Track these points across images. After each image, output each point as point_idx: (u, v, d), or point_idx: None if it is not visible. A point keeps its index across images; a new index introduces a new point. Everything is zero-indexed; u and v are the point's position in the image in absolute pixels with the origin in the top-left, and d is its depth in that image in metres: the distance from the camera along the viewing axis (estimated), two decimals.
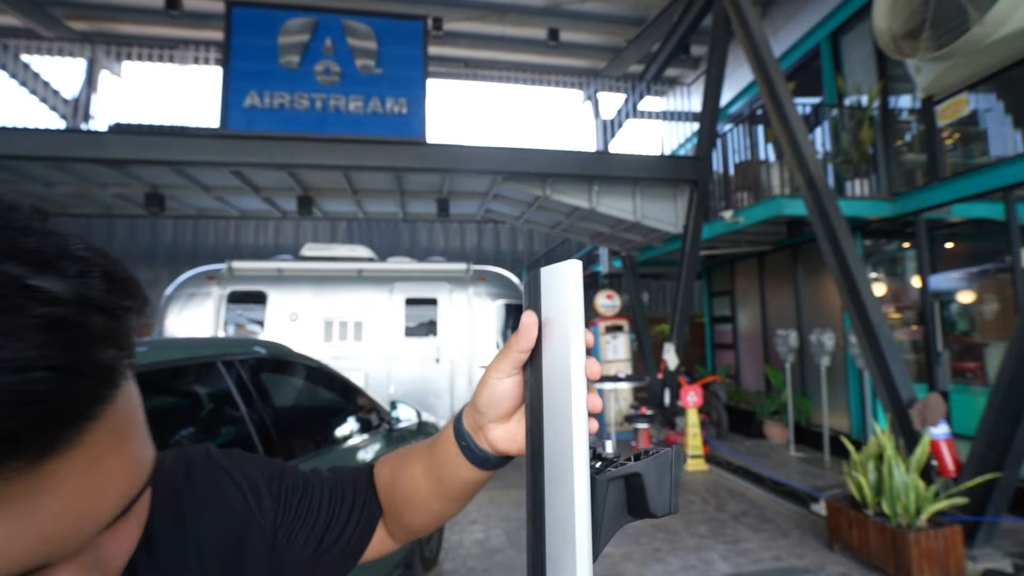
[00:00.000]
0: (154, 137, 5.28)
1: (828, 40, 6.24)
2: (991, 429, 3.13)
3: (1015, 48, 3.89)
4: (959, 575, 3.02)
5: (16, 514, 0.23)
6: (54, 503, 0.24)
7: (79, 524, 0.25)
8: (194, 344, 2.12)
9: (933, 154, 4.89)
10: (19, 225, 0.25)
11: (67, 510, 0.24)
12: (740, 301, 7.85)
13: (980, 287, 4.77)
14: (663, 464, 0.38)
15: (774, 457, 5.74)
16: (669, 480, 0.38)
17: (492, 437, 0.47)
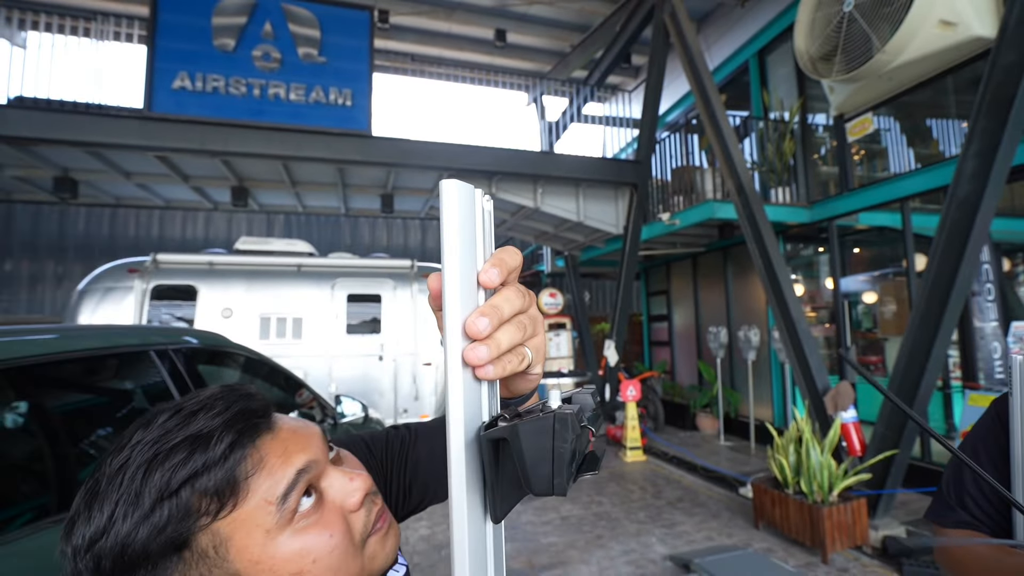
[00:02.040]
0: (66, 115, 4.83)
1: (755, 58, 6.72)
2: (890, 412, 3.51)
3: (910, 75, 4.39)
4: (863, 543, 3.37)
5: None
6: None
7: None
8: (115, 332, 1.94)
9: (844, 167, 5.40)
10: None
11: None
12: (675, 300, 8.28)
13: (881, 289, 5.32)
14: (538, 432, 0.31)
15: (706, 447, 6.11)
16: (550, 453, 0.31)
17: None
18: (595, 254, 7.95)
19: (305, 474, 0.42)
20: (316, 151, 5.26)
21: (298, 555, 0.39)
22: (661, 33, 6.06)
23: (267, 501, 0.39)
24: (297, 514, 0.40)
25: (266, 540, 0.39)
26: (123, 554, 0.36)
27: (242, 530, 0.38)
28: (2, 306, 9.67)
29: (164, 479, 0.36)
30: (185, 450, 0.38)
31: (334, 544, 0.41)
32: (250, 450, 0.40)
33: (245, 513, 0.38)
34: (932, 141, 5.00)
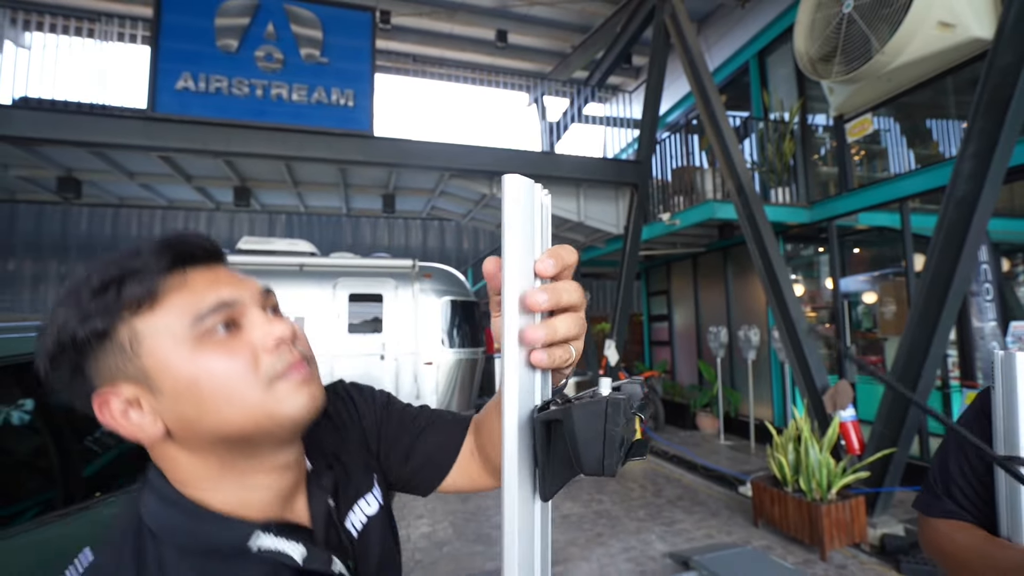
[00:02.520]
0: (70, 115, 4.87)
1: (755, 59, 6.75)
2: (888, 410, 3.53)
3: (909, 76, 4.41)
4: (862, 540, 3.39)
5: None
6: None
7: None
8: None
9: (843, 167, 5.42)
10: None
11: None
12: (676, 300, 8.30)
13: (881, 289, 5.34)
14: (591, 416, 0.33)
15: (706, 446, 6.13)
16: (601, 436, 0.32)
17: None
18: (596, 254, 7.97)
19: (227, 307, 0.47)
20: (318, 151, 5.29)
21: (198, 366, 0.44)
22: (662, 34, 6.08)
23: (184, 314, 0.45)
24: (210, 335, 0.45)
25: (174, 346, 0.44)
26: (70, 342, 0.43)
27: (155, 333, 0.44)
28: (5, 305, 9.72)
29: (96, 280, 0.44)
30: (119, 263, 0.45)
31: (233, 368, 0.45)
32: (177, 273, 0.47)
33: (160, 319, 0.45)
34: (932, 142, 5.03)
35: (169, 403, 0.45)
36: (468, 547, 3.59)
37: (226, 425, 0.45)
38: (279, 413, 0.47)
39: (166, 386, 0.44)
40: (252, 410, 0.46)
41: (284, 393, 0.47)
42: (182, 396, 0.44)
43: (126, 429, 0.45)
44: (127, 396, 0.45)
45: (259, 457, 0.49)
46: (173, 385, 0.44)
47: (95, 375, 0.45)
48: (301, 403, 0.48)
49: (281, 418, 0.47)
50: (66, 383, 0.46)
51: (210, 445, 0.46)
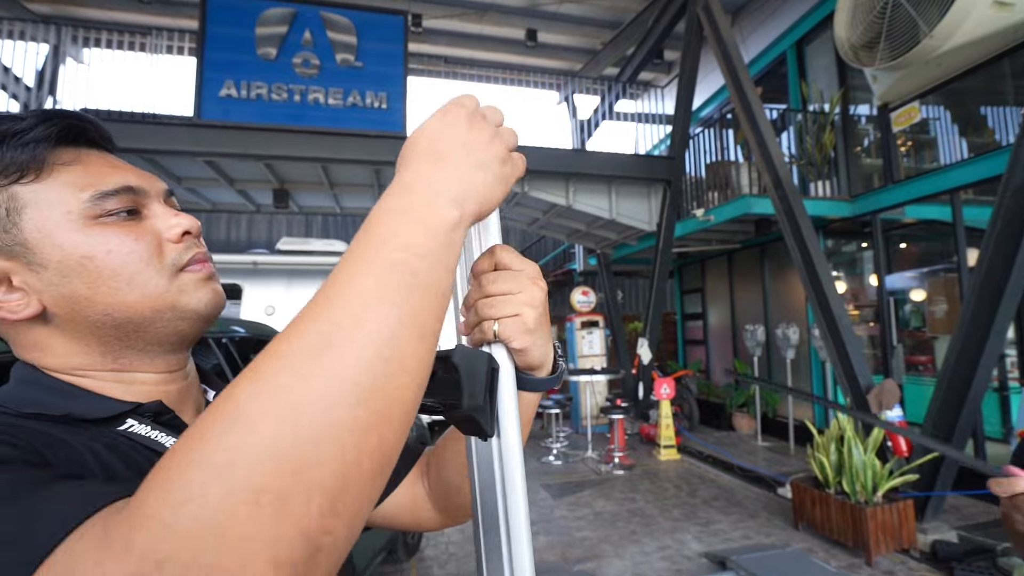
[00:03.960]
0: (124, 124, 5.15)
1: (793, 49, 6.54)
2: (938, 411, 3.37)
3: (960, 60, 4.19)
4: (911, 546, 3.25)
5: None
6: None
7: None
8: None
9: (888, 158, 5.20)
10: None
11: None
12: (710, 298, 8.12)
13: (930, 286, 5.10)
14: (474, 361, 0.38)
15: (742, 446, 5.98)
16: (482, 382, 0.37)
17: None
18: (628, 252, 7.89)
19: (132, 193, 0.44)
20: (353, 153, 5.43)
21: (95, 243, 0.41)
22: (694, 27, 5.97)
23: (79, 189, 0.42)
24: (108, 215, 0.42)
25: (63, 219, 0.41)
26: None
27: (40, 204, 0.41)
28: None
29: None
30: (7, 122, 0.41)
31: (136, 249, 0.43)
32: (70, 149, 0.43)
33: (51, 191, 0.41)
34: (986, 129, 4.76)
35: (54, 278, 0.41)
36: None
37: (122, 307, 0.42)
38: (182, 304, 0.45)
39: (51, 260, 0.41)
40: (154, 297, 0.43)
41: (189, 284, 0.46)
42: (73, 272, 0.41)
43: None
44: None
45: (147, 352, 0.45)
46: (62, 260, 0.41)
47: None
48: (206, 297, 0.47)
49: (184, 309, 0.45)
50: None
51: (96, 328, 0.42)
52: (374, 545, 2.75)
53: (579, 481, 5.03)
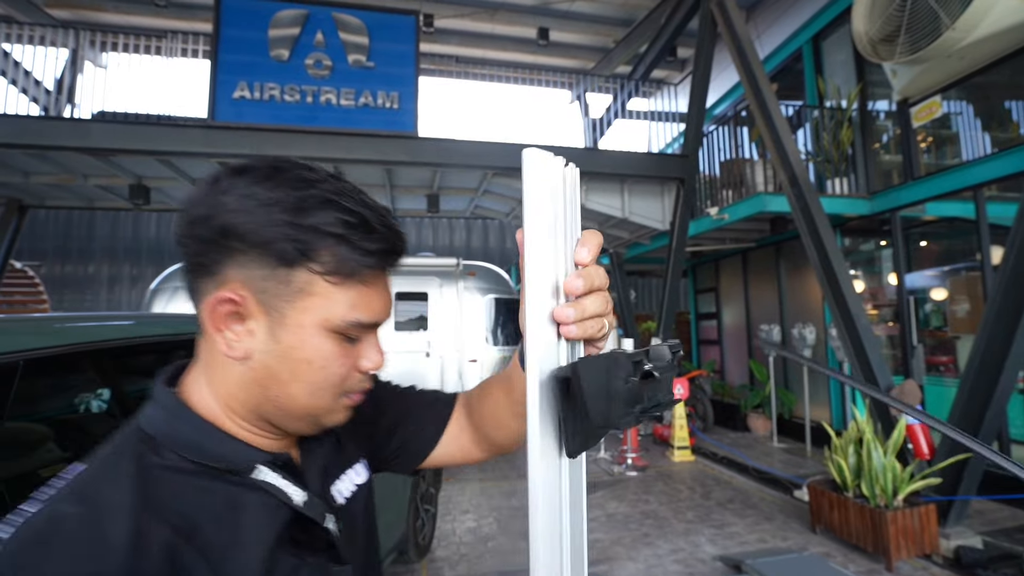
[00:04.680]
0: (140, 126, 5.22)
1: (809, 44, 6.43)
2: (962, 413, 3.28)
3: (984, 53, 4.08)
4: (933, 551, 3.16)
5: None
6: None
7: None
8: (185, 320, 2.07)
9: (908, 154, 5.08)
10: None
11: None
12: (724, 298, 8.02)
13: (952, 284, 4.97)
14: (594, 370, 0.34)
15: (758, 448, 5.89)
16: (605, 389, 0.34)
17: None
18: (641, 251, 7.82)
19: (373, 327, 0.50)
20: (365, 153, 5.45)
21: (319, 353, 0.46)
22: (708, 23, 5.90)
23: (350, 309, 0.46)
24: (344, 337, 0.47)
25: (320, 322, 0.45)
26: (253, 233, 0.43)
27: (320, 301, 0.45)
28: (87, 305, 10.55)
29: (328, 218, 0.44)
30: (354, 225, 0.45)
31: (338, 372, 0.47)
32: (375, 272, 0.48)
33: (333, 294, 0.45)
34: (1011, 123, 4.63)
35: (275, 350, 0.45)
36: (512, 543, 3.60)
37: (292, 401, 0.47)
38: (325, 420, 0.50)
39: (285, 340, 0.45)
40: (314, 406, 0.48)
41: (340, 407, 0.51)
42: (288, 359, 0.45)
43: (217, 327, 0.45)
44: (247, 312, 0.45)
45: (282, 427, 0.50)
46: (291, 346, 0.45)
47: (239, 271, 0.44)
48: (342, 418, 0.52)
49: (323, 422, 0.51)
50: (204, 255, 0.45)
51: (264, 399, 0.47)
52: (384, 545, 2.75)
53: (591, 482, 5.00)
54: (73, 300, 10.48)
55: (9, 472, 1.19)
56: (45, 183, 6.03)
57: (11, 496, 1.15)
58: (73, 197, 6.68)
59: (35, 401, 1.35)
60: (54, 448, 1.38)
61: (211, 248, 0.44)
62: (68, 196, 6.62)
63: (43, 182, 6.00)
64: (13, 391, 1.22)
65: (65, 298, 10.37)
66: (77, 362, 1.46)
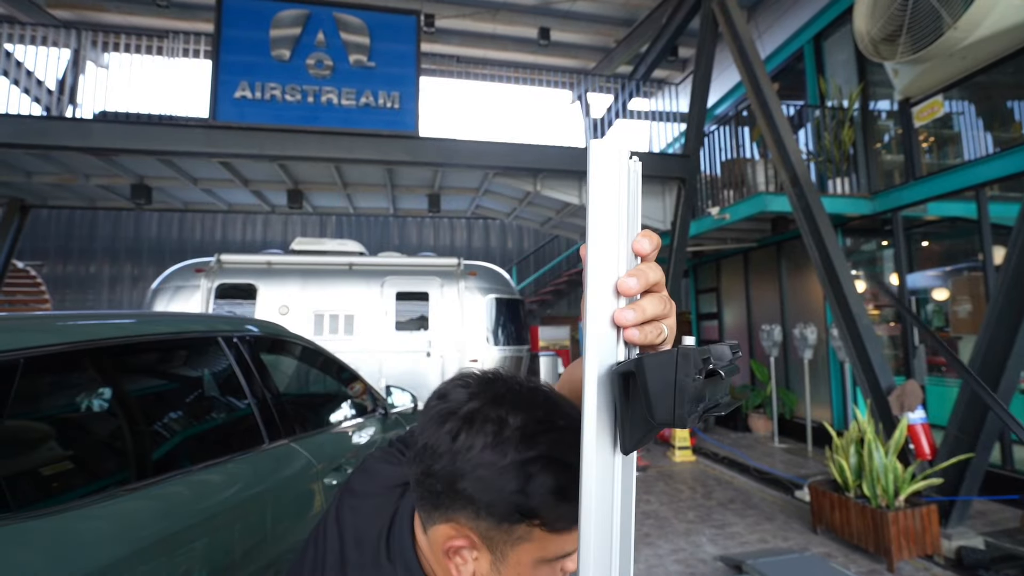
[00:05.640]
0: (142, 126, 5.23)
1: (811, 44, 6.42)
2: (963, 413, 3.27)
3: (986, 52, 4.07)
4: (935, 552, 3.15)
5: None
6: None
7: None
8: (185, 319, 2.07)
9: (910, 153, 5.08)
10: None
11: None
12: (726, 298, 8.01)
13: (954, 284, 4.96)
14: (662, 365, 0.33)
15: (759, 448, 5.88)
16: (672, 385, 0.33)
17: None
18: None
19: (570, 555, 0.52)
20: (366, 153, 5.45)
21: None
22: (709, 23, 5.89)
23: (561, 549, 0.50)
24: (550, 566, 0.51)
25: (532, 560, 0.49)
26: (486, 495, 0.47)
27: (535, 545, 0.49)
28: (89, 305, 10.56)
29: (549, 483, 0.47)
30: (573, 480, 0.44)
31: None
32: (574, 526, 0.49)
33: (546, 540, 0.49)
34: (1013, 123, 4.62)
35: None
36: None
37: None
38: None
39: (505, 573, 0.50)
40: None
41: None
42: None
43: (449, 556, 0.51)
44: (472, 545, 0.50)
45: None
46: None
47: (463, 519, 0.49)
48: None
49: None
50: (433, 496, 0.50)
51: None
52: None
53: None
54: (74, 300, 10.49)
55: (10, 470, 1.19)
56: (47, 183, 6.04)
57: (12, 494, 1.15)
58: (75, 197, 6.70)
59: (36, 399, 1.35)
60: (55, 446, 1.38)
61: (446, 497, 0.49)
62: (70, 196, 6.63)
63: (45, 182, 6.01)
64: (14, 389, 1.22)
65: (67, 298, 10.39)
66: (78, 360, 1.46)
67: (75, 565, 1.13)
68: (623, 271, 0.38)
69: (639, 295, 0.39)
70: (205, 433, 1.82)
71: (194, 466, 1.60)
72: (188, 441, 1.74)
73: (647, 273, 0.38)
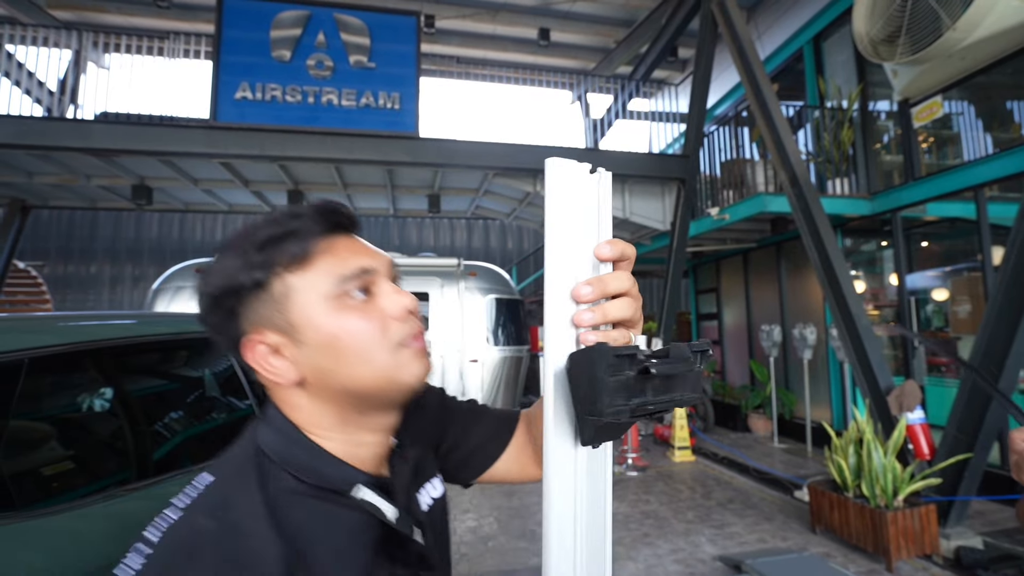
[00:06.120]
0: (142, 127, 5.24)
1: (810, 44, 6.43)
2: (962, 412, 3.28)
3: (985, 53, 4.08)
4: (933, 552, 3.16)
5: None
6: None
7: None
8: (185, 319, 2.07)
9: (909, 154, 5.08)
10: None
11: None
12: (725, 298, 8.02)
13: (954, 285, 4.96)
14: (580, 362, 0.35)
15: (758, 448, 5.89)
16: (592, 380, 0.34)
17: None
18: (642, 251, 7.81)
19: (366, 274, 0.51)
20: (366, 153, 5.46)
21: (339, 324, 0.48)
22: (709, 23, 5.90)
23: (330, 274, 0.49)
24: (349, 297, 0.49)
25: (319, 302, 0.48)
26: (233, 288, 0.48)
27: (305, 289, 0.48)
28: (90, 305, 10.57)
29: (261, 236, 0.49)
30: (281, 223, 0.49)
31: (369, 328, 0.49)
32: (326, 238, 0.51)
33: (311, 277, 0.49)
34: (1013, 124, 4.63)
35: (310, 354, 0.48)
36: (513, 542, 3.61)
37: (357, 381, 0.49)
38: (399, 378, 0.51)
39: (309, 338, 0.48)
40: (380, 371, 0.49)
41: (406, 359, 0.51)
42: (323, 350, 0.48)
43: (267, 371, 0.49)
44: (272, 343, 0.49)
45: (370, 415, 0.52)
46: (316, 338, 0.48)
47: (247, 321, 0.49)
48: (418, 371, 0.52)
49: (400, 383, 0.51)
50: (221, 325, 0.50)
51: (336, 396, 0.50)
52: None
53: None
54: (75, 300, 10.51)
55: (13, 469, 1.20)
56: (48, 183, 6.05)
57: (15, 493, 1.16)
58: (76, 197, 6.71)
59: (38, 399, 1.36)
60: (57, 446, 1.39)
61: (220, 318, 0.50)
62: (71, 196, 6.65)
63: (46, 182, 6.02)
64: (19, 389, 1.23)
65: (67, 298, 10.41)
66: (80, 361, 1.47)
67: (76, 564, 1.14)
68: (584, 278, 0.39)
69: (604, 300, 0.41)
70: (206, 433, 1.83)
71: (195, 466, 1.61)
72: (189, 441, 1.75)
73: (606, 282, 0.40)
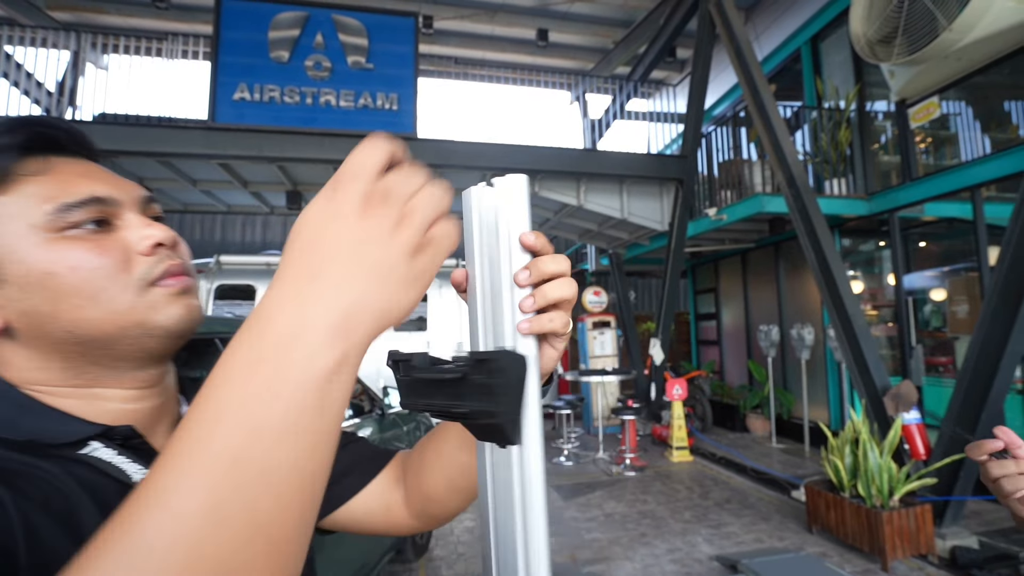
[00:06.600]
0: (141, 128, 5.25)
1: (808, 45, 6.44)
2: (958, 412, 3.29)
3: (982, 54, 4.09)
4: (929, 551, 3.17)
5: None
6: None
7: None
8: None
9: (906, 154, 5.09)
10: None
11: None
12: (724, 298, 8.03)
13: (951, 285, 4.97)
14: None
15: (756, 448, 5.90)
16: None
17: None
18: (640, 252, 7.83)
19: (102, 204, 0.42)
20: None
21: (57, 258, 0.40)
22: (707, 24, 5.91)
23: (43, 200, 0.40)
24: (73, 228, 0.41)
25: (26, 233, 0.40)
26: None
27: (3, 218, 0.40)
28: None
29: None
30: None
31: (101, 264, 0.41)
32: (39, 158, 0.42)
33: (11, 203, 0.40)
34: (1010, 125, 4.64)
35: (15, 294, 0.40)
36: None
37: (85, 325, 0.40)
38: (151, 321, 0.43)
39: (13, 275, 0.40)
40: (119, 314, 0.41)
41: (159, 300, 0.43)
42: (33, 288, 0.40)
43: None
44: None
45: (115, 368, 0.43)
46: (23, 274, 0.40)
47: None
48: (177, 313, 0.44)
49: (152, 327, 0.43)
50: None
51: (59, 345, 0.41)
52: (383, 544, 2.77)
53: (590, 482, 5.01)
54: None
55: None
56: None
57: None
58: None
59: None
60: None
61: None
62: None
63: None
64: None
65: None
66: None
67: None
68: (515, 268, 0.38)
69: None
70: None
71: None
72: None
73: (541, 266, 0.37)
